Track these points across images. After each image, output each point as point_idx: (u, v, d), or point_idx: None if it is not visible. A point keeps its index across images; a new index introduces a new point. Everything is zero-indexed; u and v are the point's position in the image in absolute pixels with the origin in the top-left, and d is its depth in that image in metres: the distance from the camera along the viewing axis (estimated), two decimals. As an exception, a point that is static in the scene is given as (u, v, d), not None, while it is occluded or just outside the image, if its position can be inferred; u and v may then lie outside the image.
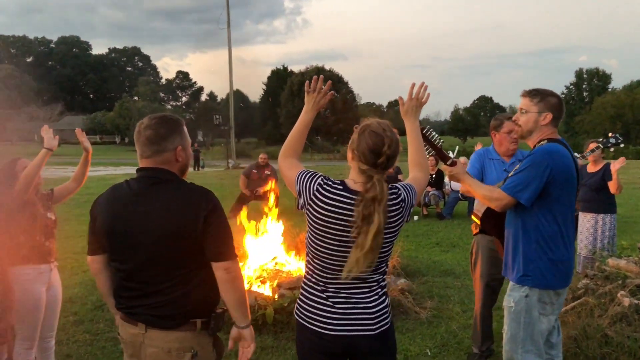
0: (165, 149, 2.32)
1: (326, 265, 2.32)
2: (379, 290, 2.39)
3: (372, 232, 2.17)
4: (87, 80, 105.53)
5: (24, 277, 3.53)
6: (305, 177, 2.36)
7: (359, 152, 2.28)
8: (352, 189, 2.28)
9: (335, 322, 2.30)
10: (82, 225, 10.50)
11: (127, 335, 2.37)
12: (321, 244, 2.29)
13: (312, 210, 2.28)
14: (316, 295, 2.36)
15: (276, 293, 5.50)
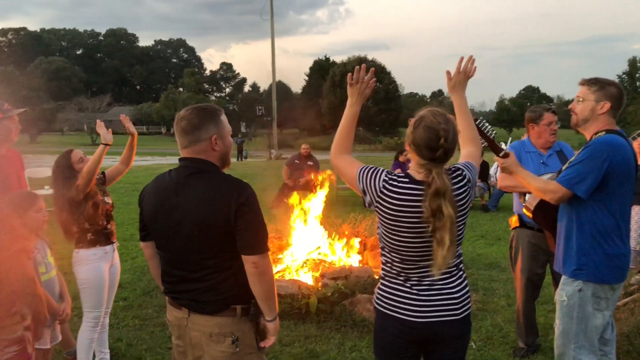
0: (199, 138, 2.35)
1: (405, 257, 2.32)
2: (460, 274, 2.40)
3: (446, 226, 2.17)
4: (134, 71, 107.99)
5: (92, 257, 3.78)
6: (368, 174, 2.36)
7: (415, 147, 2.27)
8: (418, 179, 2.27)
9: (421, 309, 2.32)
10: (130, 213, 10.80)
11: (173, 318, 2.47)
12: (397, 237, 2.29)
13: (382, 206, 2.29)
14: (399, 284, 2.36)
15: (319, 283, 5.53)
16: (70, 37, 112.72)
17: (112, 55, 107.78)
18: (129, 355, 4.41)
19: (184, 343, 2.44)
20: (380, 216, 2.32)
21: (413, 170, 2.32)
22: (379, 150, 44.08)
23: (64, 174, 3.77)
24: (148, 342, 4.67)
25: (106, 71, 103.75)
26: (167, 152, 35.37)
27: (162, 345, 4.56)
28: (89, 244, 3.80)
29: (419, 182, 2.25)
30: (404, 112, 65.92)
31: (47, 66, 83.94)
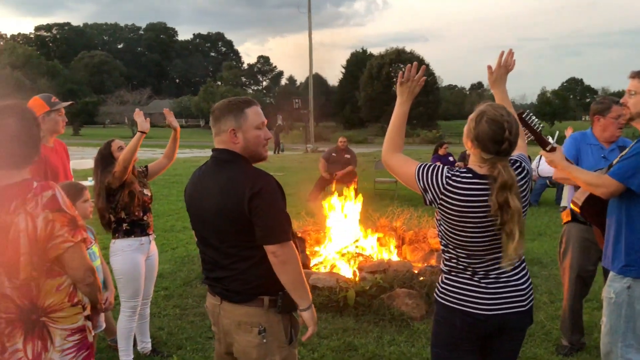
0: (220, 130, 2.41)
1: (472, 252, 2.31)
2: (523, 265, 2.41)
3: (514, 219, 2.18)
4: (174, 65, 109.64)
5: (127, 248, 3.86)
6: (428, 172, 2.35)
7: (479, 142, 2.25)
8: (481, 174, 2.26)
9: (489, 302, 2.32)
10: (169, 204, 10.99)
11: (209, 305, 2.54)
12: (463, 234, 2.28)
13: (447, 203, 2.27)
14: (467, 278, 2.35)
15: (357, 276, 5.52)
16: (112, 31, 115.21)
17: (152, 49, 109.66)
18: (170, 343, 4.49)
19: (218, 330, 2.51)
20: (444, 213, 2.30)
21: (474, 165, 2.31)
22: (417, 144, 43.67)
23: (103, 161, 3.86)
24: (188, 331, 4.75)
25: (146, 65, 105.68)
26: (206, 145, 35.76)
27: (202, 335, 4.63)
28: (124, 234, 3.87)
29: (482, 177, 2.25)
30: (443, 104, 65.19)
31: (89, 60, 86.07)
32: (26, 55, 65.95)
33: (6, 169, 2.20)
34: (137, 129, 3.84)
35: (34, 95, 3.96)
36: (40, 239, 2.13)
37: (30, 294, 2.19)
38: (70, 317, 2.28)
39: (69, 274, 2.27)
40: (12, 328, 2.22)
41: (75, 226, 2.21)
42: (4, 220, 2.13)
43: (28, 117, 2.25)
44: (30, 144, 2.24)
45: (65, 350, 2.28)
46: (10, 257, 2.12)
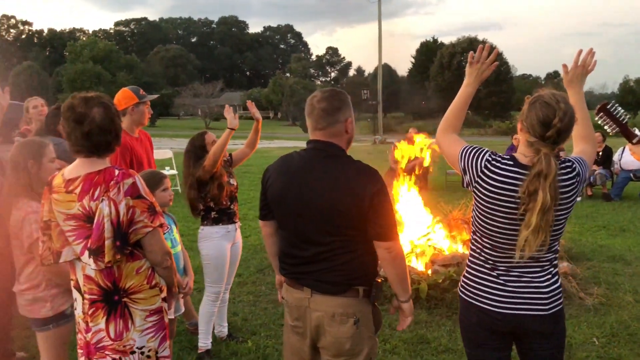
0: (337, 120, 2.37)
1: (496, 244, 2.26)
2: (552, 270, 2.30)
3: (536, 210, 2.09)
4: (244, 58, 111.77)
5: (215, 235, 4.01)
6: (470, 153, 2.31)
7: (528, 124, 2.18)
8: (523, 163, 2.19)
9: (505, 300, 2.26)
10: (242, 194, 11.22)
11: (292, 299, 2.47)
12: (491, 222, 2.23)
13: (481, 187, 2.23)
14: (485, 273, 2.31)
15: (429, 269, 5.46)
16: (186, 25, 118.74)
17: (224, 42, 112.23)
18: (245, 329, 4.61)
19: (303, 324, 2.44)
20: (477, 197, 2.26)
21: (519, 154, 2.23)
22: (489, 135, 42.41)
23: (196, 154, 3.99)
24: (262, 317, 4.86)
25: (218, 58, 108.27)
26: (275, 136, 36.40)
27: (275, 322, 4.73)
28: (213, 222, 4.01)
29: (523, 166, 2.17)
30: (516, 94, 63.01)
31: (164, 54, 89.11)
32: (106, 50, 69.04)
33: (90, 157, 2.34)
34: (227, 125, 3.96)
35: (113, 88, 4.14)
36: (122, 224, 2.25)
37: (112, 276, 2.33)
38: (148, 298, 2.40)
39: (147, 258, 2.39)
40: (95, 308, 2.36)
41: (153, 212, 2.33)
42: (89, 206, 2.27)
43: (111, 108, 2.38)
44: (112, 133, 2.37)
45: (144, 330, 2.40)
46: (96, 241, 2.25)
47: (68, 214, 2.33)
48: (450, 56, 60.42)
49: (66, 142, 4.61)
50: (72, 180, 2.32)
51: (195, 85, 65.07)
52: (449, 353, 4.15)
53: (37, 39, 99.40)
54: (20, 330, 4.42)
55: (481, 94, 56.94)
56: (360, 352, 2.36)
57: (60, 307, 2.92)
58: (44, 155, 2.95)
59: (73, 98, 2.36)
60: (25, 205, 2.85)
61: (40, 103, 5.38)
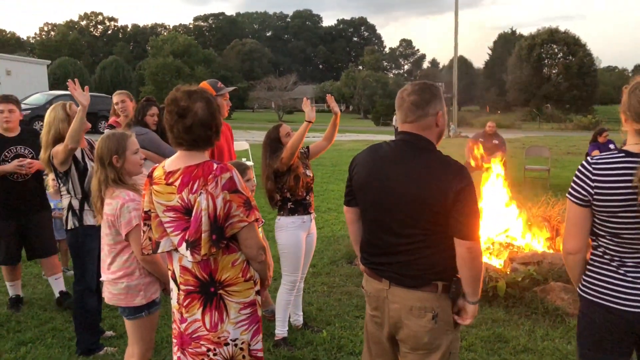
0: (428, 113, 2.36)
1: (623, 241, 2.16)
2: None
3: None
4: (318, 51, 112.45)
5: (291, 225, 4.07)
6: (575, 185, 2.24)
7: (632, 112, 2.10)
8: (636, 152, 2.10)
9: (635, 297, 2.15)
10: (315, 186, 11.21)
11: (371, 289, 2.49)
12: (613, 219, 2.14)
13: (599, 189, 2.14)
14: (611, 271, 2.21)
15: (508, 267, 5.32)
16: (261, 19, 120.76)
17: (298, 36, 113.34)
18: (319, 319, 4.67)
19: (381, 315, 2.46)
20: (599, 201, 2.15)
21: (630, 145, 2.15)
22: (570, 130, 40.65)
23: (272, 146, 4.08)
24: (336, 308, 4.91)
25: (292, 51, 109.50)
26: (347, 129, 36.42)
27: (350, 313, 4.76)
28: (289, 212, 4.08)
29: (638, 155, 2.08)
30: (600, 87, 59.95)
31: (241, 48, 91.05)
32: (185, 44, 71.30)
33: (191, 150, 2.38)
34: (305, 118, 4.01)
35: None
36: (219, 217, 2.28)
37: (209, 268, 2.37)
38: (243, 291, 2.43)
39: (243, 252, 2.41)
40: (191, 299, 2.41)
41: (249, 207, 2.35)
42: (187, 199, 2.32)
43: (212, 103, 2.41)
44: (213, 128, 2.40)
45: (239, 322, 2.43)
46: (194, 233, 2.30)
47: (167, 205, 2.37)
48: (529, 48, 58.33)
49: (152, 132, 4.83)
50: (172, 172, 2.36)
51: (270, 78, 66.13)
52: (528, 353, 4.03)
53: (121, 34, 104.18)
54: (108, 310, 4.69)
55: (562, 87, 54.69)
56: (439, 347, 2.35)
57: (152, 296, 3.00)
58: (127, 148, 3.02)
59: (177, 91, 2.39)
60: (122, 193, 2.93)
61: (122, 99, 5.46)
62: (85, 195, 3.88)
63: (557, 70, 58.07)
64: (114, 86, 50.45)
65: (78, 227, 3.91)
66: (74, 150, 3.75)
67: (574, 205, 2.22)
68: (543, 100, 55.74)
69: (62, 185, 3.94)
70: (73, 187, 3.89)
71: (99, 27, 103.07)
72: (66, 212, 3.96)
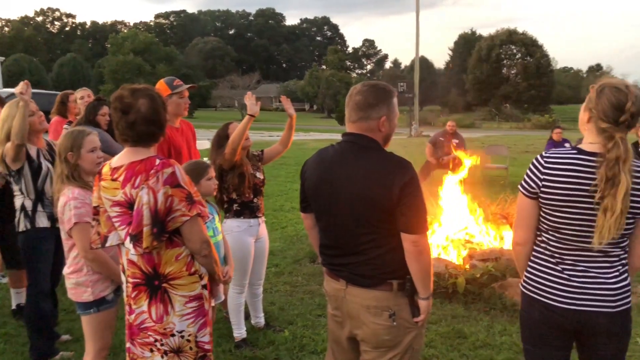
0: (370, 116, 2.36)
1: (563, 237, 2.22)
2: (620, 267, 2.24)
3: (620, 194, 2.06)
4: (281, 50, 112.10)
5: (236, 229, 4.00)
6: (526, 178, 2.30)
7: (599, 110, 2.16)
8: (590, 151, 2.16)
9: (570, 295, 2.21)
10: (279, 185, 11.33)
11: (330, 289, 2.52)
12: (560, 214, 2.19)
13: (548, 182, 2.20)
14: (550, 267, 2.27)
15: (467, 263, 5.41)
16: (224, 17, 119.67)
17: (261, 34, 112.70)
18: (282, 319, 4.66)
19: (341, 314, 2.49)
20: (545, 196, 2.22)
21: (585, 144, 2.21)
22: (528, 129, 41.61)
23: (218, 142, 4.02)
24: (299, 307, 4.91)
25: (255, 50, 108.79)
26: (311, 129, 36.45)
27: (312, 312, 4.77)
28: (235, 215, 3.99)
29: (591, 154, 2.15)
30: (557, 88, 61.53)
31: (203, 46, 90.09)
32: (146, 42, 70.11)
33: (136, 146, 2.44)
34: (247, 112, 3.93)
35: (152, 79, 4.21)
36: (160, 212, 2.32)
37: (153, 262, 2.42)
38: (188, 285, 2.47)
39: (187, 246, 2.45)
40: (138, 292, 2.46)
41: (191, 201, 2.38)
42: (130, 194, 2.36)
43: (156, 100, 2.46)
44: (157, 124, 2.46)
45: (184, 315, 2.47)
46: (136, 227, 2.35)
47: (113, 200, 2.44)
48: (488, 49, 59.44)
49: (103, 132, 4.75)
50: (117, 168, 2.43)
51: (233, 77, 65.64)
52: (487, 348, 4.11)
53: (80, 31, 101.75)
54: (65, 314, 4.58)
55: (520, 87, 55.95)
56: (399, 344, 2.37)
57: (101, 293, 3.01)
58: (83, 145, 3.07)
59: (122, 89, 2.46)
60: (69, 191, 2.99)
61: (87, 94, 5.58)
62: (39, 196, 3.78)
63: (516, 71, 59.38)
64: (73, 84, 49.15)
65: (30, 230, 3.78)
66: (21, 146, 3.65)
67: (522, 197, 2.30)
68: (502, 99, 56.93)
69: (15, 185, 3.82)
70: (26, 186, 3.77)
71: (56, 24, 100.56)
72: (18, 213, 3.83)
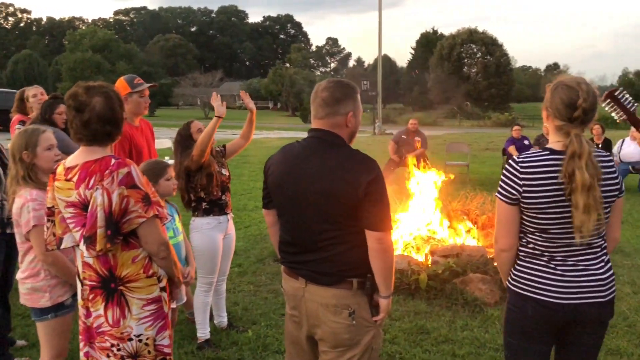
0: (337, 112, 2.36)
1: (550, 236, 2.25)
2: (604, 257, 2.32)
3: (578, 189, 2.11)
4: (244, 48, 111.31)
5: (206, 226, 3.96)
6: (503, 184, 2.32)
7: (553, 109, 2.22)
8: (559, 150, 2.21)
9: (565, 290, 2.25)
10: (242, 184, 11.24)
11: (289, 288, 2.49)
12: (544, 215, 2.22)
13: (528, 186, 2.22)
14: (542, 265, 2.29)
15: (429, 259, 5.48)
16: (186, 14, 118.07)
17: (223, 32, 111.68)
18: (245, 319, 4.63)
19: (299, 313, 2.46)
20: (527, 199, 2.23)
21: (552, 143, 2.27)
22: (488, 127, 42.40)
23: (183, 143, 3.98)
24: (262, 307, 4.88)
25: (218, 47, 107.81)
26: (274, 127, 36.28)
27: (276, 312, 4.74)
28: (204, 213, 3.97)
29: (560, 152, 2.19)
30: (516, 86, 62.87)
31: (164, 43, 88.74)
32: (106, 39, 68.67)
33: (91, 145, 2.36)
34: (214, 113, 3.90)
35: (112, 77, 4.12)
36: (115, 213, 2.25)
37: (109, 264, 2.34)
38: (146, 287, 2.40)
39: (144, 248, 2.38)
40: (94, 294, 2.39)
41: (148, 202, 2.32)
42: (84, 194, 2.29)
43: (113, 98, 2.39)
44: (113, 123, 2.38)
45: (142, 318, 2.40)
46: (90, 229, 2.27)
47: (68, 201, 2.36)
48: (450, 47, 60.28)
49: (60, 131, 4.63)
50: (71, 168, 2.35)
51: (195, 75, 64.87)
52: (449, 343, 4.17)
53: (35, 27, 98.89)
54: (20, 319, 4.44)
55: (481, 85, 56.97)
56: (358, 343, 2.36)
57: (59, 298, 2.91)
58: (38, 144, 2.94)
59: (77, 86, 2.38)
60: (26, 193, 2.86)
61: (40, 92, 5.41)
62: None
63: (476, 69, 60.43)
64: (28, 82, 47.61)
65: None
66: None
67: (503, 204, 2.29)
68: (463, 98, 57.86)
69: None
70: None
71: (10, 19, 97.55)
72: None
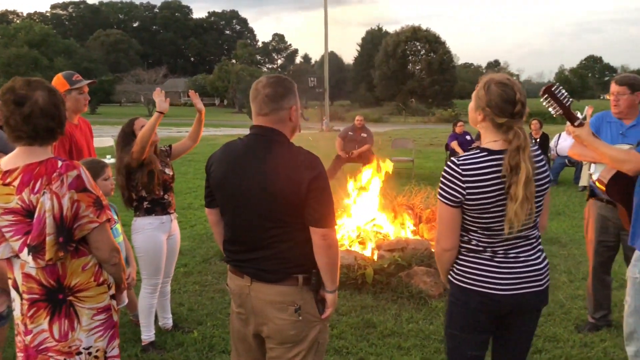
0: (282, 107, 2.35)
1: (493, 233, 2.29)
2: (539, 247, 2.40)
3: (522, 181, 2.16)
4: (189, 44, 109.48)
5: (148, 226, 3.85)
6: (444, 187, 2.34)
7: (492, 107, 2.24)
8: (497, 149, 2.24)
9: (508, 282, 2.30)
10: (187, 183, 11.07)
11: (234, 286, 2.47)
12: (485, 215, 2.25)
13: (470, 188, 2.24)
14: (485, 259, 2.33)
15: (375, 254, 5.54)
16: (127, 9, 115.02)
17: (167, 27, 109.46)
18: (191, 319, 4.55)
19: (245, 311, 2.44)
20: (470, 199, 2.26)
21: (488, 142, 2.29)
22: (432, 123, 43.30)
23: (125, 139, 3.85)
24: (208, 307, 4.81)
25: (161, 43, 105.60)
26: (221, 124, 35.85)
27: (222, 311, 4.68)
28: (146, 213, 3.86)
29: (499, 152, 2.23)
30: (459, 83, 64.49)
31: (105, 39, 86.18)
32: (43, 34, 66.12)
33: (31, 145, 2.18)
34: (156, 109, 3.80)
35: (50, 74, 3.97)
36: (66, 219, 2.11)
37: (56, 274, 2.19)
38: (96, 296, 2.29)
39: (94, 255, 2.26)
40: (36, 309, 2.21)
41: (100, 206, 2.20)
42: (29, 200, 2.12)
43: (56, 94, 2.24)
44: (56, 119, 2.21)
45: (92, 329, 2.29)
46: (36, 237, 2.11)
47: (5, 208, 2.15)
48: (394, 45, 61.19)
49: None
50: (10, 171, 2.14)
51: (138, 71, 63.27)
52: (395, 336, 4.23)
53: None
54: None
55: (425, 82, 58.12)
56: (305, 338, 2.36)
57: None
58: None
59: (14, 81, 2.19)
60: None
61: None
62: None
63: (420, 67, 61.61)
64: (-41, 78, 45.49)
65: None
66: None
67: (446, 207, 2.30)
68: (408, 94, 58.88)
69: None
70: None
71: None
72: None
